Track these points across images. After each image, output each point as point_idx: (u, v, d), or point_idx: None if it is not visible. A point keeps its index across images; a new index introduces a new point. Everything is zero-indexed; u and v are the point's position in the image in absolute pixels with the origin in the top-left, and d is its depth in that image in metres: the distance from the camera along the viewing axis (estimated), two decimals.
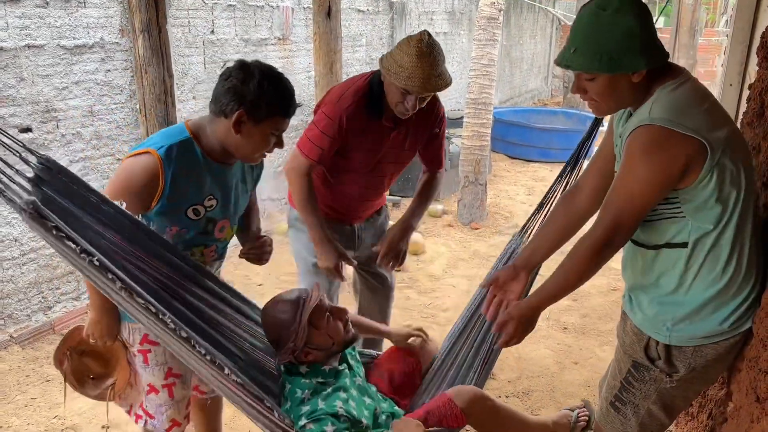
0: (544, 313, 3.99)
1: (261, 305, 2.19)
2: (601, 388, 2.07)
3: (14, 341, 3.43)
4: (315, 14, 3.72)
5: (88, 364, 2.08)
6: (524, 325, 1.82)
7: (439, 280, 4.55)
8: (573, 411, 2.36)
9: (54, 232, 1.47)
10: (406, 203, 6.24)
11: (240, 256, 2.24)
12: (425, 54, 2.20)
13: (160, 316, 1.61)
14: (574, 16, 1.90)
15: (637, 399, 1.80)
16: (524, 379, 3.27)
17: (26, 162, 1.59)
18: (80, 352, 2.06)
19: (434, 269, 4.67)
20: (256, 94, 1.75)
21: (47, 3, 3.36)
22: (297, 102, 1.87)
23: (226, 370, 1.68)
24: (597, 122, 2.46)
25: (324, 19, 3.68)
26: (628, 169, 1.58)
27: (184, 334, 1.65)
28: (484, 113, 5.48)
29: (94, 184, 3.74)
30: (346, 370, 2.07)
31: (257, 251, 2.21)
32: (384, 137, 2.40)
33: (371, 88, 2.35)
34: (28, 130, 3.37)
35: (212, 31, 4.54)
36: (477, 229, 5.54)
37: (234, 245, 2.22)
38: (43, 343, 3.47)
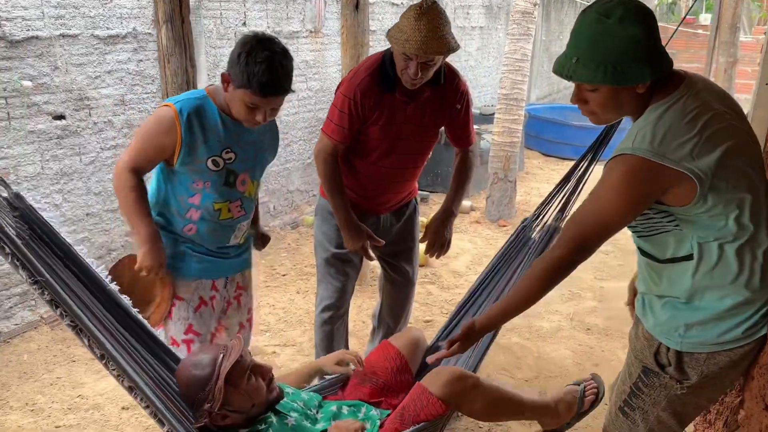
0: (568, 314, 3.97)
1: (282, 297, 2.22)
2: (611, 393, 2.03)
3: (44, 322, 3.55)
4: (343, 7, 3.72)
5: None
6: (465, 343, 1.84)
7: (462, 277, 4.52)
8: (579, 385, 2.24)
9: (10, 258, 1.55)
10: (435, 198, 6.24)
11: None
12: (423, 16, 2.16)
13: (104, 360, 1.66)
14: None
15: (646, 405, 1.75)
16: (541, 379, 3.23)
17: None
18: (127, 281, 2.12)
19: (458, 265, 4.65)
20: (238, 62, 1.89)
21: None
22: (284, 87, 1.94)
23: (166, 427, 1.73)
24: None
25: (352, 12, 3.68)
26: (601, 194, 1.57)
27: (127, 384, 1.68)
28: (516, 109, 5.41)
29: None
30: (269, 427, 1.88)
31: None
32: (399, 111, 2.38)
33: (384, 62, 2.34)
34: (61, 117, 3.47)
35: (244, 23, 4.59)
36: (504, 226, 5.49)
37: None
38: (83, 345, 3.58)
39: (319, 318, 2.75)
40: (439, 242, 2.67)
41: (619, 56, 1.49)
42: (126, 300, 1.88)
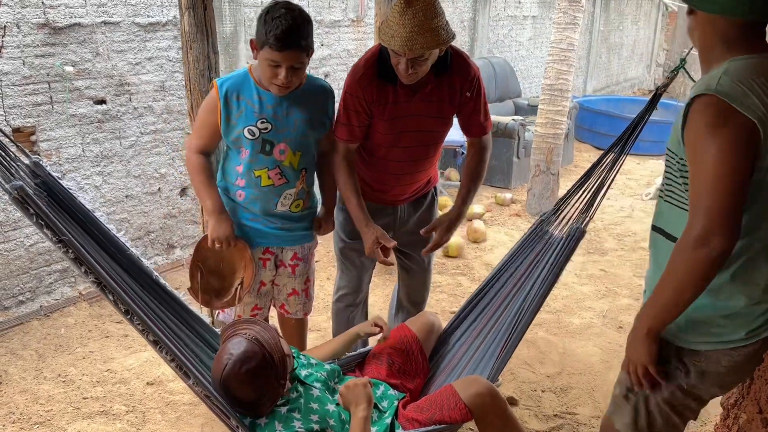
0: (600, 311, 3.86)
1: (315, 286, 2.25)
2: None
3: (83, 298, 3.71)
4: None
5: (211, 282, 2.36)
6: (638, 352, 1.64)
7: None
8: None
9: (34, 219, 1.60)
10: (480, 189, 6.15)
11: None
12: (408, 9, 2.04)
13: (129, 315, 1.72)
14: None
15: (647, 393, 1.70)
16: (565, 375, 3.15)
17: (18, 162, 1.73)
18: (207, 270, 2.34)
19: (492, 258, 4.58)
20: (259, 23, 2.04)
21: None
22: (301, 40, 2.03)
23: (191, 380, 1.77)
24: (655, 99, 2.29)
25: (386, 1, 3.66)
26: (698, 148, 1.43)
27: (151, 337, 1.75)
28: (560, 100, 5.27)
29: (164, 157, 3.98)
30: (300, 396, 1.95)
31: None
32: (404, 103, 2.30)
33: (381, 53, 2.26)
34: (102, 102, 3.60)
35: None
36: None
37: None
38: (108, 301, 3.72)
39: (335, 306, 2.78)
40: (442, 244, 2.54)
41: None
42: (147, 264, 1.97)
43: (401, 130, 2.35)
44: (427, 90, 2.29)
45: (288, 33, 1.99)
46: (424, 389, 2.28)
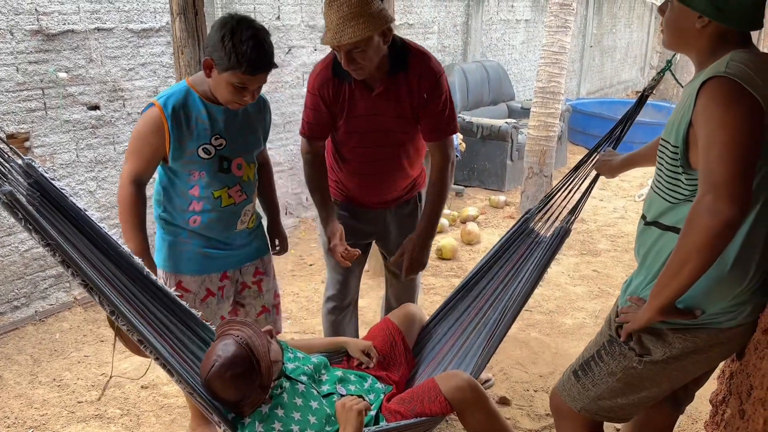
0: (593, 311, 3.88)
1: (307, 286, 2.25)
2: None
3: (78, 303, 3.72)
4: None
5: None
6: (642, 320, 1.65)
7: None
8: None
9: (23, 223, 1.61)
10: (470, 192, 6.20)
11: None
12: (333, 2, 2.03)
13: (114, 315, 1.73)
14: None
15: (602, 373, 1.76)
16: (557, 375, 3.17)
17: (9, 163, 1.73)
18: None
19: None
20: (222, 45, 1.90)
21: None
22: (271, 62, 1.97)
23: (175, 377, 1.79)
24: (642, 100, 2.34)
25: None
26: (710, 126, 1.45)
27: (136, 337, 1.76)
28: (553, 103, 5.30)
29: None
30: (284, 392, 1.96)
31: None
32: (361, 101, 2.28)
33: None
34: (96, 107, 3.63)
35: (278, 17, 4.66)
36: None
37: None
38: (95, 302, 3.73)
39: (324, 308, 2.79)
40: (414, 265, 2.48)
41: None
42: (138, 260, 1.96)
43: (362, 129, 2.34)
44: (383, 88, 2.25)
45: (261, 57, 1.92)
46: (409, 382, 2.31)
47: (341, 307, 2.73)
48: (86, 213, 1.88)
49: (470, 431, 2.09)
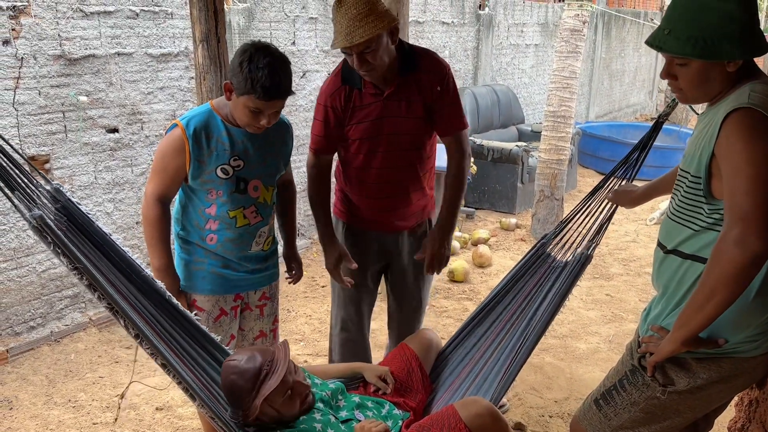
0: (607, 336, 3.87)
1: (320, 308, 2.27)
2: None
3: (93, 324, 3.74)
4: None
5: None
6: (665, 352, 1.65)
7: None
8: None
9: (52, 247, 1.65)
10: (481, 215, 6.22)
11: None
12: (341, 5, 2.09)
13: (139, 339, 1.76)
14: None
15: (624, 403, 1.75)
16: (572, 401, 3.16)
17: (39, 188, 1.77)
18: None
19: (497, 283, 4.59)
20: (240, 70, 1.96)
21: (137, 14, 3.66)
22: (287, 89, 2.00)
23: (197, 402, 1.81)
24: (657, 127, 2.35)
25: None
26: (735, 157, 1.45)
27: (160, 361, 1.79)
28: (564, 126, 5.34)
29: None
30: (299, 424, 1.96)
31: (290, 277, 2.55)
32: (373, 106, 2.31)
33: (346, 62, 2.28)
34: (115, 130, 3.68)
35: (293, 43, 4.74)
36: None
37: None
38: (118, 327, 3.72)
39: (335, 337, 2.76)
40: (437, 260, 2.51)
41: (712, 31, 1.48)
42: (160, 284, 1.99)
43: (373, 134, 2.35)
44: (393, 89, 2.29)
45: (277, 84, 1.97)
46: (426, 407, 2.30)
47: (351, 339, 2.71)
48: (111, 237, 1.91)
49: None
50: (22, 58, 3.21)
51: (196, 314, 2.14)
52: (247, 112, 2.02)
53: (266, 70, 1.93)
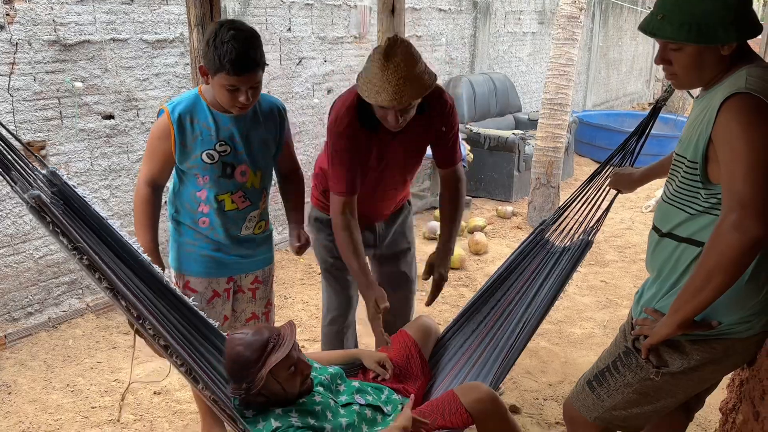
0: (602, 320, 3.90)
1: (317, 294, 2.26)
2: None
3: (90, 310, 3.76)
4: (379, 12, 3.79)
5: None
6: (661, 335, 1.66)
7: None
8: None
9: (50, 227, 1.63)
10: (477, 203, 6.22)
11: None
12: (389, 62, 2.03)
13: (140, 320, 1.74)
14: None
15: (617, 384, 1.77)
16: (566, 384, 3.18)
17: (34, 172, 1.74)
18: None
19: (493, 269, 4.54)
20: (208, 49, 1.95)
21: (132, 0, 3.65)
22: (256, 61, 1.97)
23: (200, 385, 1.79)
24: (654, 112, 2.36)
25: (387, 16, 3.73)
26: (733, 142, 1.46)
27: (162, 342, 1.77)
28: (560, 114, 5.35)
29: None
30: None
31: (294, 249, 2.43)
32: (386, 145, 2.31)
33: (360, 102, 2.21)
34: (110, 117, 3.68)
35: (289, 29, 4.73)
36: None
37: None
38: (115, 313, 3.76)
39: (326, 329, 2.77)
40: (436, 283, 2.52)
41: (706, 15, 1.49)
42: (158, 270, 1.98)
43: (384, 168, 2.38)
44: (408, 129, 2.27)
45: (243, 56, 1.93)
46: (426, 394, 2.32)
47: (345, 325, 2.72)
48: (108, 222, 1.91)
49: None
50: (16, 43, 3.20)
51: (188, 295, 2.15)
52: (224, 92, 2.01)
53: (231, 44, 1.91)
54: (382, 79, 2.04)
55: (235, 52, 1.91)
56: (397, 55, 2.04)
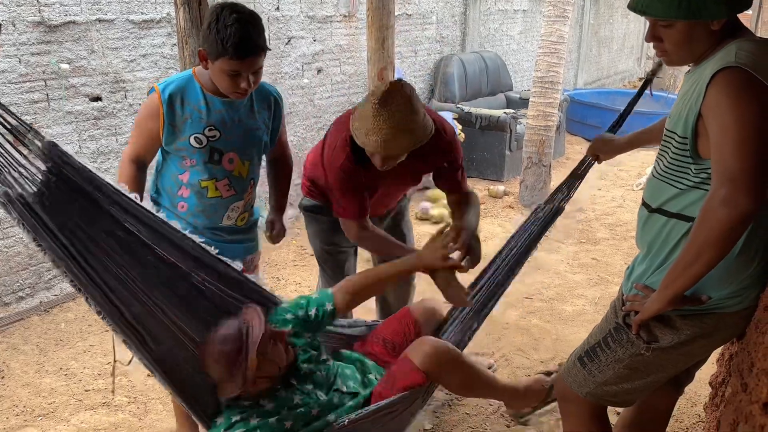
0: (593, 298, 3.92)
1: (309, 276, 2.26)
2: None
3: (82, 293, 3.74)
4: None
5: None
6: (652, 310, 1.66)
7: (487, 260, 4.50)
8: (549, 376, 2.28)
9: (22, 226, 1.63)
10: (470, 183, 6.16)
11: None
12: (383, 110, 1.97)
13: (101, 313, 1.84)
14: None
15: (608, 360, 1.78)
16: (558, 361, 3.20)
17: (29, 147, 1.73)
18: None
19: (486, 249, 4.60)
20: (209, 33, 1.91)
21: None
22: (259, 45, 1.94)
23: (158, 376, 1.88)
24: (647, 83, 2.38)
25: None
26: (722, 117, 1.45)
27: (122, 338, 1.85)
28: (551, 92, 5.33)
29: None
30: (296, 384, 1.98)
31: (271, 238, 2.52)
32: (381, 176, 2.26)
33: (353, 140, 2.15)
34: (98, 99, 3.64)
35: (277, 8, 4.67)
36: None
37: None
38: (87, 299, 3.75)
39: None
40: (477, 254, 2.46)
41: None
42: (173, 224, 1.94)
43: (381, 191, 2.40)
44: (404, 162, 2.21)
45: (246, 40, 1.90)
46: None
47: None
48: (117, 187, 1.83)
49: (453, 391, 2.12)
50: (0, 24, 3.15)
51: None
52: (225, 77, 1.98)
53: (234, 27, 1.88)
54: (373, 124, 1.99)
55: (238, 35, 1.88)
56: (393, 103, 1.98)
